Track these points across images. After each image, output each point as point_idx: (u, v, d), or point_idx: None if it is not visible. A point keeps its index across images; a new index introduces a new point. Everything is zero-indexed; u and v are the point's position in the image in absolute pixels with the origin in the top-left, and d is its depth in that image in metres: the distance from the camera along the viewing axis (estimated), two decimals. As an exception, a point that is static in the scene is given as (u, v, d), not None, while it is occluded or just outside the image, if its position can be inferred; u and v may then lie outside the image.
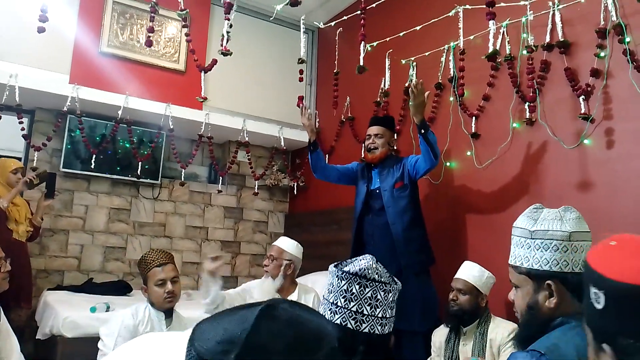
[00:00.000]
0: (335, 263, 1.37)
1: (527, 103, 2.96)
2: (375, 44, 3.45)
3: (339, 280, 1.29)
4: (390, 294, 1.29)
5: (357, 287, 1.26)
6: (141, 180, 4.54)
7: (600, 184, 2.60)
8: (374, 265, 1.31)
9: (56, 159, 4.31)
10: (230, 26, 2.55)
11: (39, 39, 2.63)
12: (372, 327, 1.25)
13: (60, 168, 4.25)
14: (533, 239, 1.29)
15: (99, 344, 2.34)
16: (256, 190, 4.81)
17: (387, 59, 3.83)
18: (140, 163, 4.33)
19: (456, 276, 2.62)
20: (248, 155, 4.78)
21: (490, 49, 2.04)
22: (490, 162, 3.20)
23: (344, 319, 1.24)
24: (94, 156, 4.14)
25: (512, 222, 3.08)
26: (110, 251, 4.53)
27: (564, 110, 2.81)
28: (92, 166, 4.16)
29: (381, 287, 1.28)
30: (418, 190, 3.14)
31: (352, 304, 1.25)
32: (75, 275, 4.32)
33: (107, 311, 3.22)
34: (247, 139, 4.70)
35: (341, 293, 1.27)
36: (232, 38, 2.61)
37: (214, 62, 2.91)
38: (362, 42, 2.42)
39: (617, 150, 2.55)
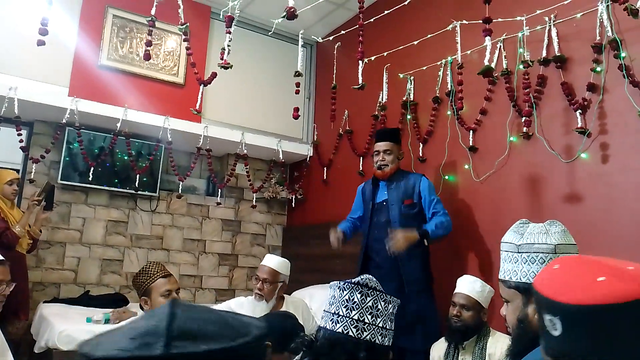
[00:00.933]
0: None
1: (524, 117, 2.97)
2: (373, 58, 3.48)
3: (341, 291, 1.33)
4: (390, 305, 1.34)
5: (359, 295, 1.30)
6: (139, 192, 4.53)
7: (597, 197, 2.60)
8: (374, 279, 1.36)
9: (54, 171, 4.31)
10: (230, 40, 2.58)
11: (39, 51, 2.65)
12: (373, 335, 1.27)
13: (58, 180, 4.25)
14: (520, 252, 1.32)
15: None
16: (254, 203, 4.80)
17: (384, 73, 3.86)
18: (138, 175, 4.33)
19: (458, 291, 2.58)
20: (246, 168, 4.78)
21: (486, 65, 2.06)
22: (488, 175, 3.21)
23: (345, 327, 1.27)
24: (92, 168, 4.14)
25: (510, 235, 3.06)
26: (107, 264, 4.50)
27: (560, 124, 2.83)
28: (90, 178, 4.15)
29: (381, 296, 1.33)
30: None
31: (353, 312, 1.28)
32: (72, 288, 4.29)
33: (105, 323, 3.19)
34: (245, 151, 4.71)
35: (343, 303, 1.31)
36: (232, 52, 2.63)
37: (214, 75, 2.92)
38: (360, 61, 2.44)
39: (612, 164, 2.56)
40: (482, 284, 2.58)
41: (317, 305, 3.38)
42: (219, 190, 4.75)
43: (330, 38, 3.47)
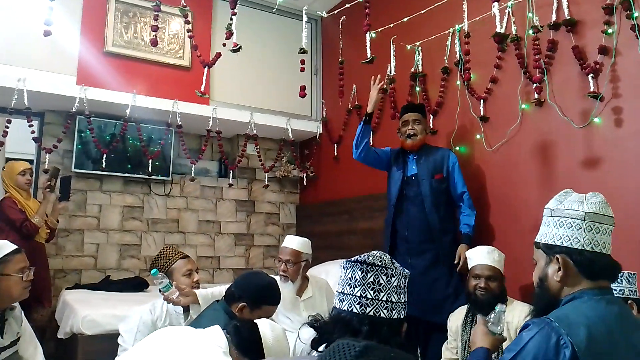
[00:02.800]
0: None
1: (535, 84, 2.93)
2: (379, 30, 3.43)
3: (344, 270, 1.38)
4: (393, 279, 1.35)
5: (360, 272, 1.33)
6: (152, 177, 4.57)
7: (611, 162, 2.57)
8: (378, 255, 1.38)
9: (67, 160, 4.35)
10: (231, 19, 2.55)
11: (45, 41, 2.65)
12: (377, 310, 1.30)
13: (72, 169, 4.30)
14: (552, 216, 1.40)
15: (119, 340, 2.38)
16: (266, 183, 4.82)
17: (392, 45, 3.81)
18: (150, 160, 4.36)
19: (478, 262, 2.56)
20: (257, 148, 4.79)
21: (497, 31, 2.02)
22: (500, 144, 3.18)
23: (349, 305, 1.32)
24: (105, 156, 4.17)
25: (524, 203, 3.08)
26: (125, 249, 4.58)
27: (572, 89, 2.78)
28: (104, 166, 4.19)
29: (382, 271, 1.34)
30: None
31: (356, 289, 1.32)
32: (92, 274, 4.38)
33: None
34: (255, 132, 4.71)
35: (346, 281, 1.35)
36: (236, 31, 2.61)
37: (218, 55, 2.90)
38: (367, 33, 2.40)
39: (626, 128, 2.52)
40: (499, 252, 2.59)
41: (332, 281, 3.41)
42: (231, 171, 4.77)
43: (335, 12, 3.43)
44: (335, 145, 4.88)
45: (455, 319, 2.68)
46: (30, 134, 3.90)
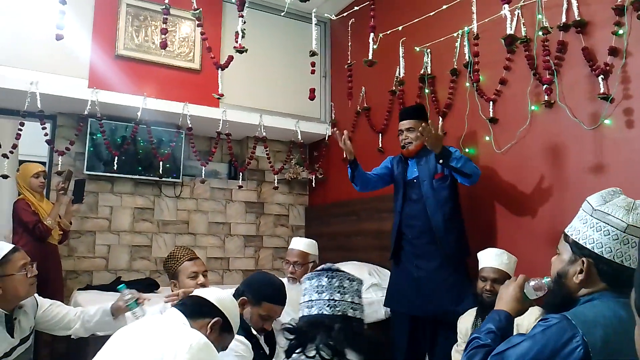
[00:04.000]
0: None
1: (545, 85, 2.92)
2: (388, 32, 3.43)
3: (310, 280, 1.53)
4: (354, 283, 1.52)
5: (326, 279, 1.49)
6: (163, 179, 4.61)
7: (622, 164, 2.56)
8: (335, 265, 1.57)
9: (79, 163, 4.41)
10: (244, 22, 2.57)
11: (57, 45, 2.69)
12: (344, 309, 1.45)
13: (84, 171, 4.35)
14: (592, 216, 1.31)
15: None
16: (276, 185, 4.84)
17: (400, 47, 3.81)
18: (161, 162, 4.40)
19: (486, 265, 2.57)
20: (266, 150, 4.81)
21: (508, 32, 2.02)
22: (509, 146, 3.17)
23: (320, 308, 1.45)
24: (116, 158, 4.21)
25: (534, 205, 3.07)
26: (136, 250, 4.62)
27: (582, 91, 2.76)
28: (115, 168, 4.23)
29: (345, 275, 1.52)
30: (457, 181, 3.09)
31: (324, 294, 1.47)
32: (104, 275, 4.43)
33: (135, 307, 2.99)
34: (264, 134, 4.74)
35: (314, 289, 1.50)
36: (245, 34, 2.62)
37: (230, 58, 2.92)
38: (372, 34, 2.41)
39: (637, 129, 2.50)
40: (508, 255, 2.58)
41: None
42: (241, 173, 4.79)
43: (344, 14, 3.44)
44: (344, 147, 4.88)
45: (465, 321, 2.67)
46: (43, 137, 3.95)
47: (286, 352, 1.46)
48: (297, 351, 1.43)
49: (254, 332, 2.08)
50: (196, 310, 1.59)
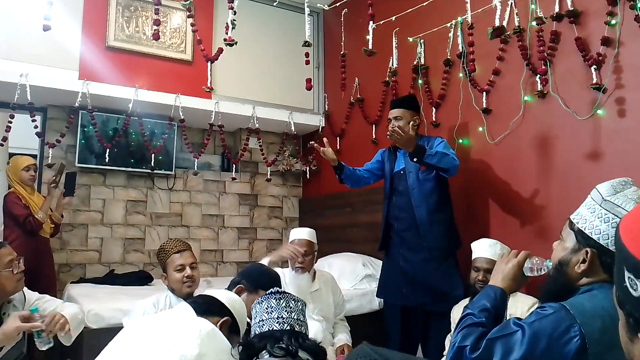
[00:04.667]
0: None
1: (538, 75, 2.92)
2: (381, 22, 3.42)
3: (260, 304, 1.67)
4: (299, 303, 1.69)
5: (274, 300, 1.65)
6: (155, 171, 4.59)
7: (615, 153, 2.57)
8: (281, 290, 1.72)
9: (71, 155, 4.37)
10: (235, 13, 2.55)
11: (47, 37, 2.66)
12: (291, 325, 1.61)
13: (76, 164, 4.31)
14: (601, 206, 1.27)
15: None
16: (269, 177, 4.83)
17: (394, 38, 3.79)
18: (153, 155, 4.37)
19: (479, 255, 2.58)
20: (259, 142, 4.79)
21: (496, 25, 2.01)
22: (502, 137, 3.17)
23: (270, 326, 1.60)
24: (108, 150, 4.18)
25: (527, 196, 3.08)
26: (129, 243, 4.60)
27: (575, 81, 2.77)
28: (107, 160, 4.20)
29: (291, 296, 1.68)
30: None
31: (273, 313, 1.62)
32: (97, 268, 4.41)
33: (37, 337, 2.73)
34: (257, 125, 4.71)
35: (264, 310, 1.65)
36: (237, 25, 2.60)
37: (220, 51, 2.91)
38: (370, 22, 2.39)
39: (630, 119, 2.51)
40: (502, 246, 2.59)
41: (336, 273, 3.43)
42: (234, 165, 4.78)
43: (337, 4, 3.41)
44: (338, 138, 4.87)
45: (459, 311, 2.68)
46: (33, 129, 3.92)
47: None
48: None
49: (248, 320, 2.09)
50: (206, 308, 1.66)
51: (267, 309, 1.64)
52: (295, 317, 1.63)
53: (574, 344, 1.16)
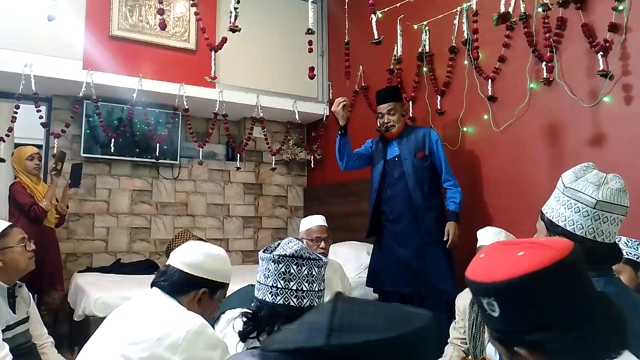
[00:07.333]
0: (264, 249, 1.46)
1: (544, 62, 2.89)
2: (385, 9, 3.39)
3: (276, 264, 1.38)
4: (322, 269, 1.42)
5: (295, 267, 1.37)
6: (160, 161, 4.59)
7: (621, 140, 2.55)
8: (304, 246, 1.41)
9: (76, 145, 4.38)
10: (238, 2, 2.53)
11: (51, 27, 2.65)
12: (312, 301, 1.36)
13: (81, 153, 4.33)
14: (564, 194, 1.31)
15: None
16: (274, 166, 4.83)
17: (398, 25, 3.76)
18: (158, 144, 4.37)
19: (484, 243, 2.55)
20: (264, 131, 4.79)
21: (502, 10, 1.99)
22: (508, 124, 3.15)
23: (286, 299, 1.35)
24: (113, 140, 4.19)
25: (532, 184, 3.06)
26: (135, 232, 4.63)
27: (581, 68, 2.74)
28: (112, 150, 4.21)
29: (315, 263, 1.40)
30: (436, 163, 3.13)
31: (291, 283, 1.35)
32: (103, 257, 4.44)
33: None
34: (261, 114, 4.70)
35: (280, 275, 1.37)
36: (241, 13, 2.58)
37: (224, 40, 2.89)
38: (373, 15, 2.37)
39: (636, 106, 2.49)
40: (507, 234, 2.58)
41: (340, 262, 3.44)
42: (238, 154, 4.78)
43: (341, -8, 3.39)
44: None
45: (463, 299, 2.69)
46: (38, 120, 3.92)
47: (241, 335, 1.43)
48: (251, 336, 1.41)
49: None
50: (177, 289, 1.54)
51: (284, 275, 1.37)
52: (316, 289, 1.40)
53: None
